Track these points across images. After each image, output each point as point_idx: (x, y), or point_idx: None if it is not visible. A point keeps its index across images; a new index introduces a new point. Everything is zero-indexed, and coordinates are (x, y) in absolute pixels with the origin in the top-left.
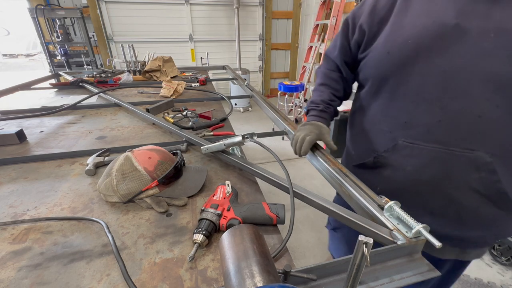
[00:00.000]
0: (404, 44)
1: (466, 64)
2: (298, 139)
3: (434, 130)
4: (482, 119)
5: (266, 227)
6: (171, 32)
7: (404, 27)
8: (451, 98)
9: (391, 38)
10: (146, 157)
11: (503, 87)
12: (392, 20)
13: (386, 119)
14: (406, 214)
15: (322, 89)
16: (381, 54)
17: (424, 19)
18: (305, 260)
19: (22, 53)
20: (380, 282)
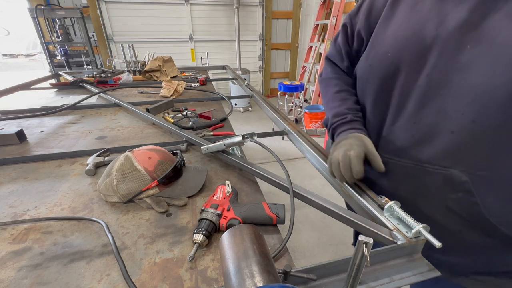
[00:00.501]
0: (384, 57)
1: (442, 78)
2: (338, 160)
3: (407, 145)
4: (456, 134)
5: (266, 227)
6: (171, 32)
7: (387, 37)
8: (426, 113)
9: (374, 50)
10: (146, 157)
11: (478, 101)
12: (376, 30)
13: (369, 131)
14: (406, 214)
15: (342, 96)
16: (363, 67)
17: (405, 30)
18: (305, 260)
19: (22, 53)
20: (380, 282)
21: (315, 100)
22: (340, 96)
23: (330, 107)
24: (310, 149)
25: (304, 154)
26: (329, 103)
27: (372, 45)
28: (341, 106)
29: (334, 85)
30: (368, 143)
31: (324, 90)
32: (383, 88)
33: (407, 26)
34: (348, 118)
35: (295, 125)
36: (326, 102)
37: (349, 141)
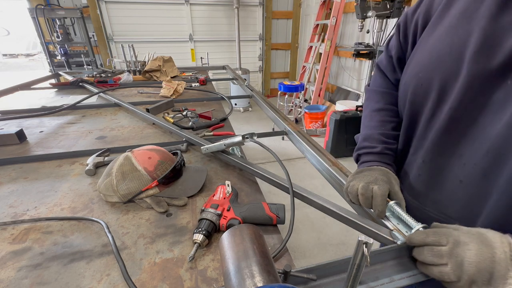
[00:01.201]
0: (415, 77)
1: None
2: (358, 192)
3: (414, 183)
4: (464, 184)
5: (266, 227)
6: (171, 32)
7: (424, 51)
8: (437, 153)
9: (411, 64)
10: (146, 157)
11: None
12: (421, 37)
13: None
14: (406, 214)
15: (380, 116)
16: (401, 83)
17: (442, 44)
18: (305, 260)
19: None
20: (380, 282)
21: (315, 100)
22: (378, 116)
23: (365, 125)
24: (310, 149)
25: (304, 154)
26: (365, 120)
27: (412, 56)
28: (375, 128)
29: (376, 100)
30: (394, 182)
31: (366, 103)
32: (411, 113)
33: (446, 40)
34: (378, 149)
35: (295, 125)
36: (364, 117)
37: (373, 173)
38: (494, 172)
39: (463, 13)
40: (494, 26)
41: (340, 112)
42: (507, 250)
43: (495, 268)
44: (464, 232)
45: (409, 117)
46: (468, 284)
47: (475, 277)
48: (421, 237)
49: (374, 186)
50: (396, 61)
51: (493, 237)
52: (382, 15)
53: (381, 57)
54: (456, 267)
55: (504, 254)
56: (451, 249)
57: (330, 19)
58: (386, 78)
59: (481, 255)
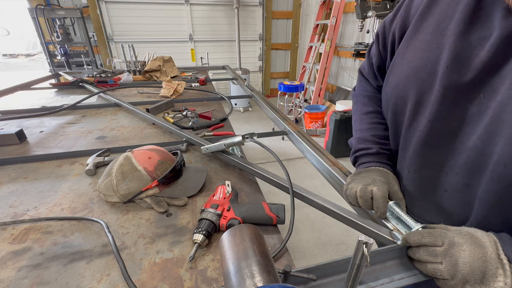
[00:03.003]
0: (396, 87)
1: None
2: (356, 195)
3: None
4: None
5: (266, 227)
6: (171, 32)
7: (404, 63)
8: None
9: (391, 74)
10: (146, 157)
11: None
12: (398, 49)
13: None
14: (405, 214)
15: (370, 119)
16: (383, 92)
17: (419, 59)
18: (305, 260)
19: (22, 53)
20: (380, 282)
21: (315, 100)
22: (368, 119)
23: (356, 128)
24: (310, 149)
25: (304, 154)
26: (356, 124)
27: (391, 67)
28: (368, 131)
29: (364, 103)
30: (393, 182)
31: (354, 107)
32: (394, 122)
33: (421, 54)
34: (373, 149)
35: (295, 125)
36: (354, 121)
37: (371, 174)
38: (474, 182)
39: (436, 27)
40: (463, 42)
41: (340, 112)
42: (495, 249)
43: (487, 267)
44: (456, 233)
45: (392, 126)
46: (462, 283)
47: (469, 277)
48: (416, 238)
49: (373, 188)
50: (377, 69)
51: (482, 236)
52: (382, 15)
53: (363, 63)
54: (450, 266)
55: (494, 253)
56: (446, 249)
57: (330, 19)
58: (369, 83)
59: (474, 255)
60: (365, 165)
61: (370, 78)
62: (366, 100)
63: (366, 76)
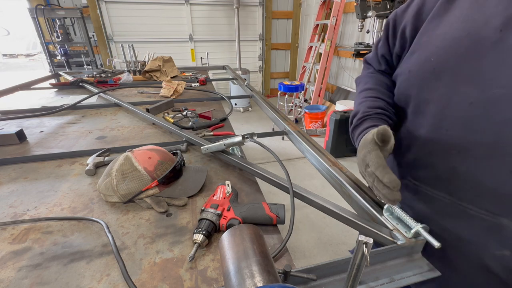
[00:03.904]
0: (425, 61)
1: (505, 98)
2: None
3: (446, 177)
4: None
5: (266, 227)
6: (171, 32)
7: (434, 39)
8: (476, 142)
9: (416, 53)
10: (146, 157)
11: None
12: (423, 28)
13: (397, 149)
14: (405, 214)
15: (368, 94)
16: (402, 72)
17: (456, 30)
18: (305, 260)
19: (22, 53)
20: (380, 282)
21: (315, 100)
22: (366, 94)
23: (355, 106)
24: (310, 149)
25: (304, 154)
26: (355, 103)
27: (414, 47)
28: (361, 104)
29: (364, 82)
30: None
31: (356, 89)
32: (420, 100)
33: (461, 26)
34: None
35: (295, 125)
36: (354, 102)
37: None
38: None
39: (473, 2)
40: None
41: (340, 112)
42: None
43: None
44: None
45: (415, 105)
46: None
47: None
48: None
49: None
50: (381, 56)
51: None
52: (382, 15)
53: (369, 54)
54: None
55: None
56: None
57: (330, 19)
58: (371, 67)
59: None
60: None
61: (373, 63)
62: (366, 79)
63: (370, 61)
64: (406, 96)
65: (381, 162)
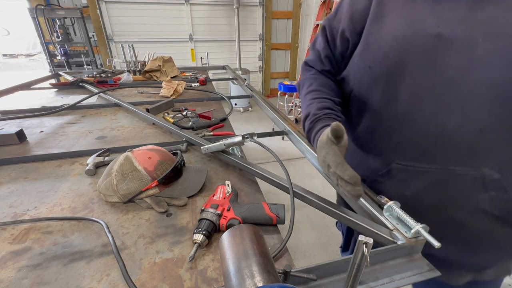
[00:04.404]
0: (385, 58)
1: (458, 75)
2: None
3: (431, 149)
4: (484, 133)
5: (266, 227)
6: (171, 32)
7: (382, 38)
8: (447, 113)
9: (370, 51)
10: (146, 157)
11: (504, 96)
12: (367, 30)
13: (376, 140)
14: (405, 214)
15: (314, 95)
16: (361, 69)
17: (403, 30)
18: (305, 260)
19: (22, 53)
20: (380, 282)
21: None
22: (311, 96)
23: (302, 108)
24: (310, 149)
25: (304, 154)
26: (302, 108)
27: (366, 46)
28: (313, 107)
29: (308, 85)
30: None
31: (300, 94)
32: (390, 90)
33: (405, 26)
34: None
35: (295, 125)
36: (301, 107)
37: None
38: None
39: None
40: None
41: None
42: None
43: None
44: None
45: (385, 95)
46: None
47: None
48: None
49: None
50: (324, 57)
51: None
52: None
53: (309, 56)
54: None
55: None
56: None
57: None
58: (313, 68)
59: None
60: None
61: (316, 66)
62: (309, 81)
63: (312, 64)
64: (371, 89)
65: (340, 160)
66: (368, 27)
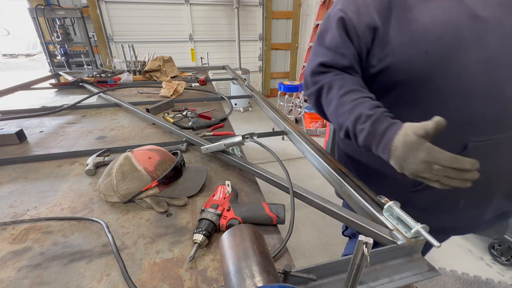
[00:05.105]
0: (440, 40)
1: (499, 51)
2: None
3: (500, 119)
4: None
5: (266, 227)
6: (171, 32)
7: (427, 24)
8: (506, 82)
9: (419, 37)
10: (146, 157)
11: None
12: (401, 17)
13: (453, 124)
14: (405, 214)
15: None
16: (414, 55)
17: (445, 14)
18: (305, 260)
19: (22, 53)
20: (380, 282)
21: None
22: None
23: (342, 112)
24: (310, 149)
25: (304, 154)
26: (340, 107)
27: (410, 34)
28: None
29: (338, 87)
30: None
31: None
32: (450, 70)
33: (446, 10)
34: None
35: (295, 125)
36: (336, 106)
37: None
38: None
39: None
40: None
41: None
42: None
43: None
44: None
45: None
46: None
47: None
48: None
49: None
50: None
51: None
52: None
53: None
54: None
55: None
56: None
57: None
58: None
59: None
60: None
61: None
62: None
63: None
64: (430, 74)
65: (450, 154)
66: (403, 14)
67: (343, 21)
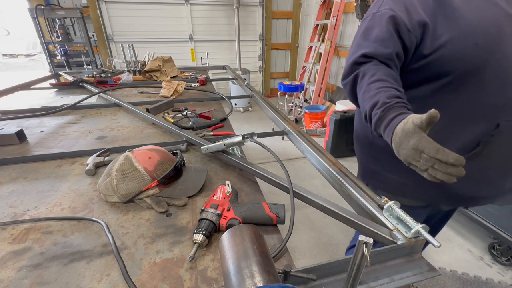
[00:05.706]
0: (487, 34)
1: None
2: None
3: None
4: None
5: (266, 227)
6: (171, 32)
7: (474, 20)
8: None
9: (469, 31)
10: (146, 157)
11: None
12: (448, 15)
13: (479, 108)
14: (405, 214)
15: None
16: (465, 47)
17: (487, 13)
18: (305, 260)
19: (22, 53)
20: (380, 282)
21: (315, 100)
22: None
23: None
24: (310, 149)
25: (304, 154)
26: (365, 94)
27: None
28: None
29: (371, 74)
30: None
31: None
32: (494, 59)
33: (486, 8)
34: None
35: (295, 125)
36: (364, 92)
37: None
38: None
39: None
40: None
41: (340, 112)
42: None
43: None
44: None
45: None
46: None
47: None
48: None
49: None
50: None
51: None
52: None
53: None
54: None
55: None
56: None
57: (330, 19)
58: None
59: None
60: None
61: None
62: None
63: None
64: (478, 63)
65: (438, 145)
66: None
67: (394, 18)
